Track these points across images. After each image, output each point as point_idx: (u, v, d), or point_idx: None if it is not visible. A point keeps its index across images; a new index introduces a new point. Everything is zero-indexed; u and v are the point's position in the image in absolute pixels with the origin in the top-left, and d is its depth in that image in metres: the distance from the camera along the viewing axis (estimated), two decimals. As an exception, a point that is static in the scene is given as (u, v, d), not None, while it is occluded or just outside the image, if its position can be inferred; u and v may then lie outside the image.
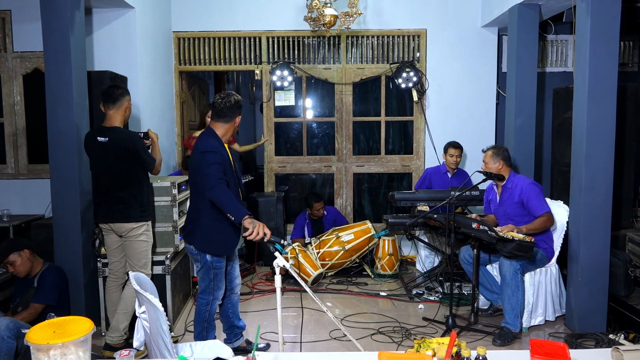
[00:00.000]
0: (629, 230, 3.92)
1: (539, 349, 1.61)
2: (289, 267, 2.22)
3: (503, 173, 3.52)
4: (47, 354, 1.45)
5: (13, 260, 3.01)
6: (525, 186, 3.41)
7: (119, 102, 3.01)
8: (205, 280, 2.73)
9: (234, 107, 2.72)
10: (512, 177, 3.52)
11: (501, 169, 3.51)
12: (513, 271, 3.21)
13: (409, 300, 4.04)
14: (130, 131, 3.21)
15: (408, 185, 5.41)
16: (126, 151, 2.95)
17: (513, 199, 3.45)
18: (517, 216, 3.44)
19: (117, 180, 3.01)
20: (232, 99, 2.71)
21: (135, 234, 3.05)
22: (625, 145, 3.96)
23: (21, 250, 3.04)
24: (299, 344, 3.13)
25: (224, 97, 2.71)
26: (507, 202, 3.50)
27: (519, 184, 3.45)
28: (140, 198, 3.08)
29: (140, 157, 3.00)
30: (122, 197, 3.02)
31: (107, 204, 3.05)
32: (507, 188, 3.51)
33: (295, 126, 5.49)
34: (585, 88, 3.22)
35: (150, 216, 3.19)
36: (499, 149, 3.57)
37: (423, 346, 1.77)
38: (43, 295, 3.00)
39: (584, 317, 3.31)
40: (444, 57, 5.22)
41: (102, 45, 4.12)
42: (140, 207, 3.07)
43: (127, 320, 3.04)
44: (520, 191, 3.42)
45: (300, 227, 4.98)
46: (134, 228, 3.04)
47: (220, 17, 5.16)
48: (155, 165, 3.12)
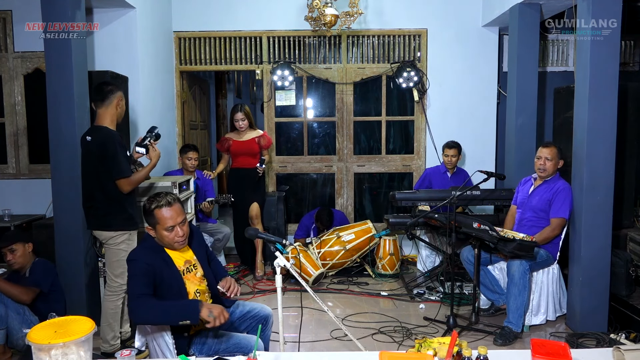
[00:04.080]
0: (630, 229, 3.92)
1: (540, 349, 1.61)
2: (289, 266, 2.22)
3: (555, 171, 3.50)
4: (48, 353, 1.45)
5: (16, 249, 3.05)
6: (563, 188, 3.40)
7: (107, 99, 2.88)
8: None
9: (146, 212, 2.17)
10: (557, 177, 3.51)
11: (555, 168, 3.49)
12: (523, 271, 3.21)
13: (410, 300, 4.04)
14: (112, 132, 2.89)
15: (409, 185, 5.41)
16: (104, 152, 2.77)
17: (547, 196, 3.44)
18: (540, 211, 3.45)
19: (99, 184, 2.83)
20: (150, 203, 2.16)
21: (114, 242, 2.89)
22: (626, 144, 3.96)
23: (27, 243, 3.11)
24: (300, 344, 3.12)
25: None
26: (539, 194, 3.48)
27: (559, 184, 3.44)
28: (124, 205, 2.87)
29: (106, 163, 2.76)
30: (103, 202, 2.84)
31: (91, 209, 2.90)
32: (548, 183, 3.49)
33: (296, 126, 5.49)
34: (586, 87, 3.21)
35: (135, 226, 2.96)
36: (558, 148, 3.52)
37: (424, 346, 1.77)
38: (36, 280, 3.02)
39: (585, 316, 3.30)
40: (445, 56, 5.22)
41: (103, 45, 4.12)
42: (123, 215, 2.88)
43: (112, 331, 2.93)
44: (557, 190, 3.41)
45: (305, 228, 4.97)
46: (112, 237, 2.87)
47: (221, 17, 5.16)
48: (124, 181, 2.79)
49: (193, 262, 2.23)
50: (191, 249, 2.27)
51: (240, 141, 4.59)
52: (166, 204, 2.12)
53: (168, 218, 2.10)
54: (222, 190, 7.49)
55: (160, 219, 2.10)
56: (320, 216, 4.83)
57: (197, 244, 2.32)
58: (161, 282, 2.06)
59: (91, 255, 3.34)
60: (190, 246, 2.28)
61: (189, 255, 2.24)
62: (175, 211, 2.13)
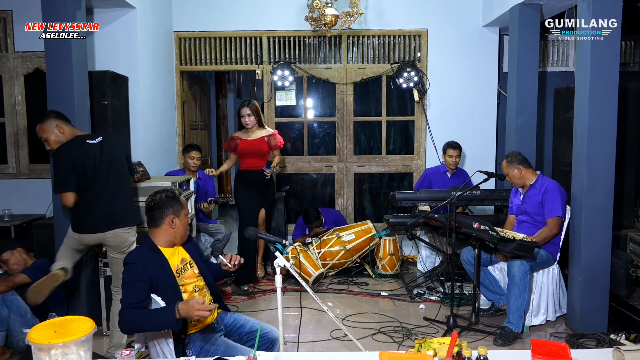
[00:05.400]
0: (630, 230, 3.92)
1: (540, 349, 1.61)
2: (289, 267, 2.22)
3: (527, 176, 3.50)
4: (48, 353, 1.45)
5: (6, 259, 3.09)
6: (550, 187, 3.41)
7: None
8: None
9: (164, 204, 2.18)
10: (541, 179, 3.51)
11: (522, 173, 3.50)
12: (523, 271, 3.21)
13: (410, 300, 4.04)
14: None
15: (409, 185, 5.41)
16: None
17: (536, 198, 3.45)
18: (536, 215, 3.45)
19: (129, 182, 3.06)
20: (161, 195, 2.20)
21: (130, 243, 2.97)
22: (627, 144, 3.96)
23: (14, 249, 3.12)
24: (300, 344, 3.13)
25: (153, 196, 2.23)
26: (530, 199, 3.49)
27: (546, 184, 3.45)
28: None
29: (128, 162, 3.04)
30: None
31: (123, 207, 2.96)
32: (534, 187, 3.50)
33: (296, 126, 5.49)
34: (587, 88, 3.21)
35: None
36: (510, 156, 3.55)
37: (424, 346, 1.77)
38: (31, 272, 3.00)
39: (585, 317, 3.30)
40: (445, 56, 5.22)
41: (103, 45, 4.12)
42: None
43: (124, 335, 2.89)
44: (545, 191, 3.41)
45: (301, 228, 4.97)
46: (133, 240, 2.99)
47: (221, 17, 5.16)
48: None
49: (188, 259, 2.26)
50: (184, 249, 2.30)
51: (247, 140, 4.27)
52: (179, 194, 2.27)
53: (186, 205, 2.28)
54: (222, 190, 7.50)
55: (184, 204, 2.25)
56: (307, 215, 4.78)
57: (190, 245, 2.35)
58: (157, 284, 2.07)
59: (91, 255, 3.34)
60: (183, 246, 2.31)
61: (184, 253, 2.28)
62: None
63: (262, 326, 2.22)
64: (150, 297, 2.04)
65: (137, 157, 4.09)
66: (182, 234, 2.24)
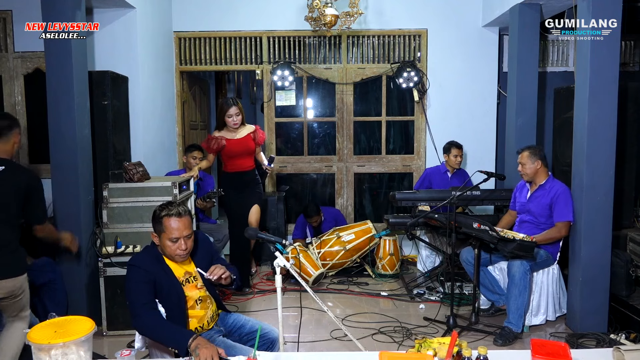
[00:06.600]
0: (630, 229, 3.92)
1: (540, 349, 1.61)
2: (289, 267, 2.22)
3: (541, 174, 3.46)
4: (48, 353, 1.45)
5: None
6: (561, 191, 3.38)
7: (5, 136, 2.50)
8: None
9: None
10: (551, 180, 3.47)
11: (539, 169, 3.45)
12: (523, 271, 3.20)
13: (409, 300, 4.04)
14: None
15: (409, 185, 5.41)
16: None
17: (545, 200, 3.41)
18: (540, 216, 3.43)
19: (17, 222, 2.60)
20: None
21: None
22: (626, 144, 3.96)
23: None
24: (300, 344, 3.12)
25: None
26: (537, 200, 3.46)
27: (557, 187, 3.41)
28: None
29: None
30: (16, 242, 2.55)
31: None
32: (544, 188, 3.46)
33: (296, 126, 5.49)
34: (586, 88, 3.21)
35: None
36: (535, 149, 3.49)
37: (424, 346, 1.77)
38: (31, 272, 2.82)
39: (585, 317, 3.30)
40: (445, 56, 5.22)
41: (103, 45, 4.12)
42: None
43: None
44: (555, 194, 3.38)
45: (301, 227, 4.97)
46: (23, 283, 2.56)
47: (221, 17, 5.16)
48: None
49: (193, 274, 2.21)
50: (193, 262, 2.24)
51: (236, 140, 4.07)
52: (176, 215, 2.09)
53: (175, 229, 2.07)
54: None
55: (167, 228, 2.08)
56: (307, 210, 4.79)
57: (201, 255, 2.27)
58: (160, 290, 2.06)
59: (91, 255, 3.34)
60: (193, 257, 2.25)
61: (190, 267, 2.22)
62: (184, 223, 2.09)
63: (262, 326, 2.21)
64: (155, 300, 2.04)
65: (137, 157, 4.10)
66: (169, 254, 2.12)
